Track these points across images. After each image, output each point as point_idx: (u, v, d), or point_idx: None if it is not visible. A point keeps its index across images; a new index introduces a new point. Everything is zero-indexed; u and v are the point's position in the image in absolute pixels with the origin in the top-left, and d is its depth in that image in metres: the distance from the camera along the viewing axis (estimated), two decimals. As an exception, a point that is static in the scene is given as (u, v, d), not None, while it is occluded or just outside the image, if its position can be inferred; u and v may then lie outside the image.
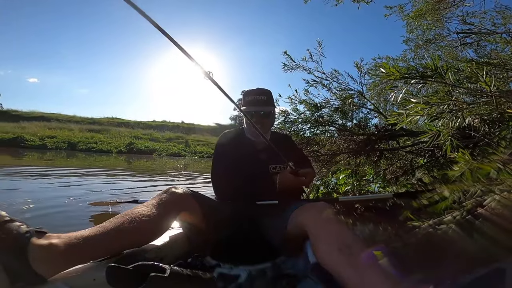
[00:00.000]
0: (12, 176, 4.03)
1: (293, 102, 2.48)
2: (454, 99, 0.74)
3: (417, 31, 3.45)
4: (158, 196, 0.92)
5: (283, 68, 2.28)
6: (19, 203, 2.36)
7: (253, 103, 1.25)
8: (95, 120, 23.35)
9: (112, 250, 0.74)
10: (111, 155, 13.33)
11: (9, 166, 5.49)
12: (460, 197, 0.59)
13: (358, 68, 2.49)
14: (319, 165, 2.26)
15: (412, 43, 3.61)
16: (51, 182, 3.76)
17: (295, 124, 2.30)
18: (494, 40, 2.55)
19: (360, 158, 2.05)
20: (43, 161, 7.49)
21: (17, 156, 8.72)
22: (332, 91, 2.44)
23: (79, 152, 13.31)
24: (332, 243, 0.72)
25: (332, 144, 2.28)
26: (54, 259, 0.64)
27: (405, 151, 2.03)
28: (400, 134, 1.97)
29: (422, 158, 2.09)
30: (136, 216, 0.79)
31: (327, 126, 2.26)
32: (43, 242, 0.64)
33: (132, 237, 0.77)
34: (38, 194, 2.78)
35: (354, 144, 1.93)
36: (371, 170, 2.39)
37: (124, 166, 7.73)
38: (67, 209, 2.34)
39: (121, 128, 20.36)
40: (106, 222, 0.76)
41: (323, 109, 2.40)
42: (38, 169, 5.23)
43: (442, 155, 1.82)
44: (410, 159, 2.08)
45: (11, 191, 2.90)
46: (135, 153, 15.15)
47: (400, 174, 1.95)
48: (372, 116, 2.32)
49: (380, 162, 2.20)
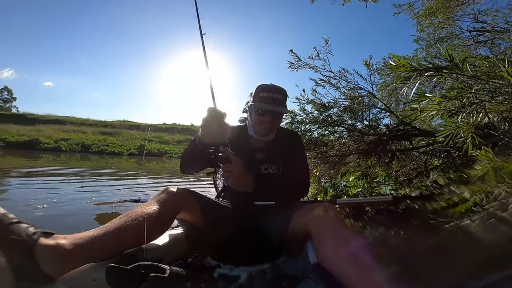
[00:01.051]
0: (25, 177, 4.14)
1: (301, 102, 2.44)
2: (474, 92, 0.68)
3: (428, 29, 3.36)
4: (157, 196, 0.94)
5: (290, 66, 2.23)
6: (32, 203, 2.40)
7: (267, 100, 1.16)
8: (108, 123, 23.89)
9: (116, 249, 0.76)
10: (122, 157, 13.59)
11: (24, 167, 5.66)
12: (483, 199, 0.54)
13: (367, 66, 2.41)
14: (327, 167, 2.20)
15: (423, 42, 3.51)
16: (70, 183, 3.83)
17: (302, 124, 2.24)
18: (508, 38, 2.44)
19: (371, 159, 1.98)
20: (57, 163, 7.70)
21: (33, 157, 8.99)
22: (340, 91, 2.37)
23: (92, 154, 13.63)
24: (337, 245, 0.72)
25: (341, 145, 2.21)
26: (61, 259, 0.65)
27: (419, 152, 1.94)
28: (414, 134, 1.88)
29: (437, 159, 1.99)
30: (137, 216, 0.81)
31: (336, 127, 2.20)
32: (51, 243, 0.66)
33: (134, 236, 0.79)
34: (53, 196, 2.83)
35: (365, 145, 1.86)
36: (382, 172, 2.31)
37: (136, 168, 7.83)
38: (71, 208, 2.36)
39: (132, 131, 20.75)
40: (109, 222, 0.79)
41: (331, 109, 2.34)
42: (54, 170, 5.37)
43: (459, 155, 1.73)
44: (424, 160, 1.98)
45: (25, 191, 2.97)
46: (146, 155, 15.38)
47: (414, 175, 1.86)
48: (383, 115, 2.24)
49: (392, 164, 2.11)
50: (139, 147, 16.18)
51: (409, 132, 1.90)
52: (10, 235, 0.63)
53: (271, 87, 1.18)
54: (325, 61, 2.22)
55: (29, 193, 2.90)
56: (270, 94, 1.16)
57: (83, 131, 18.56)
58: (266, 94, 1.16)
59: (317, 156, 2.13)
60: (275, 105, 1.16)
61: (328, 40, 2.23)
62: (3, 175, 4.25)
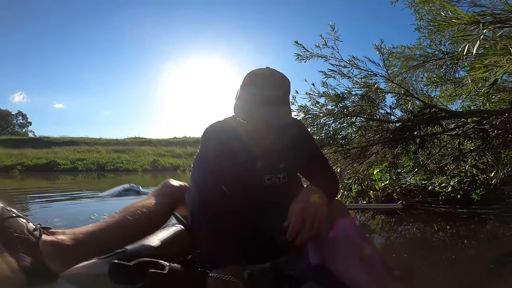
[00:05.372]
0: (45, 199, 4.16)
1: (312, 97, 2.30)
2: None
3: (427, 17, 3.24)
4: (156, 190, 0.95)
5: (297, 58, 2.10)
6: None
7: (261, 100, 0.80)
8: (120, 141, 24.40)
9: (115, 244, 0.76)
10: (137, 173, 13.75)
11: (47, 190, 5.74)
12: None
13: (378, 51, 2.26)
14: (348, 161, 2.04)
15: (425, 30, 3.39)
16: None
17: (318, 118, 2.10)
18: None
19: (396, 148, 1.80)
20: (76, 183, 7.81)
21: (52, 179, 9.20)
22: (353, 80, 2.23)
23: (107, 172, 13.87)
24: (352, 251, 0.69)
25: (361, 137, 2.04)
26: (63, 254, 0.66)
27: (451, 135, 1.75)
28: (442, 116, 1.70)
29: (471, 141, 1.80)
30: (136, 209, 0.82)
31: (353, 117, 2.04)
32: (52, 239, 0.68)
33: (133, 231, 0.79)
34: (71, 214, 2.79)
35: (389, 133, 1.69)
36: (409, 162, 2.12)
37: (154, 183, 7.84)
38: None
39: (144, 147, 21.10)
40: (107, 217, 0.80)
41: (346, 100, 2.19)
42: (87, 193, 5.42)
43: (498, 134, 1.54)
44: (456, 145, 1.79)
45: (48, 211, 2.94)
46: (159, 171, 15.52)
47: (449, 162, 1.67)
48: (404, 101, 2.06)
49: (419, 151, 1.93)
50: (152, 163, 16.37)
51: (436, 114, 1.72)
52: (14, 232, 0.64)
53: (266, 81, 0.81)
54: (334, 48, 2.08)
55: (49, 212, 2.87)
56: (265, 92, 0.80)
57: (97, 150, 19.00)
58: (259, 92, 0.80)
59: (337, 151, 1.97)
60: (273, 107, 0.79)
61: (335, 26, 2.10)
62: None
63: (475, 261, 1.19)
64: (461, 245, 1.44)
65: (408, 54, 2.62)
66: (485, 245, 1.41)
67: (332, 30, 2.08)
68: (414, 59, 2.54)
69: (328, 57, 2.12)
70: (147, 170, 15.77)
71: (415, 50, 2.88)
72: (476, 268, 1.09)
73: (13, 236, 0.63)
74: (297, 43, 2.17)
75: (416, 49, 2.92)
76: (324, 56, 2.12)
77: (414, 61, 2.53)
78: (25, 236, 0.65)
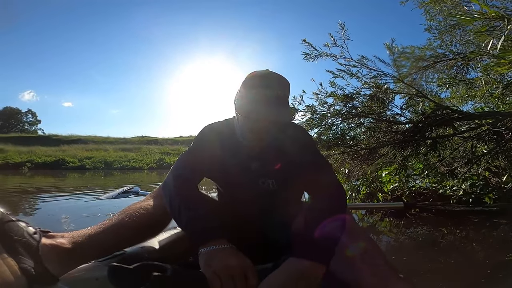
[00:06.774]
0: (54, 196, 4.22)
1: (319, 97, 2.27)
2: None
3: (438, 17, 3.17)
4: (155, 191, 0.92)
5: (305, 57, 2.08)
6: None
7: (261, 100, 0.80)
8: (127, 140, 24.66)
9: (114, 247, 0.75)
10: (143, 171, 13.88)
11: (57, 187, 5.83)
12: None
13: (389, 50, 2.22)
14: (357, 162, 2.00)
15: (435, 31, 3.33)
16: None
17: (325, 118, 2.07)
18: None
19: (406, 150, 1.76)
20: (82, 180, 7.92)
21: (60, 177, 9.35)
22: (362, 80, 2.19)
23: (114, 171, 14.03)
24: (356, 251, 0.67)
25: (370, 138, 2.00)
26: (62, 257, 0.66)
27: (464, 137, 1.71)
28: (455, 118, 1.66)
29: (485, 144, 1.74)
30: (134, 212, 0.80)
31: (362, 118, 2.00)
32: (51, 242, 0.67)
33: (132, 233, 0.78)
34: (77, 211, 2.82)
35: (399, 135, 1.65)
36: (419, 164, 2.07)
37: (159, 180, 7.90)
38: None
39: (150, 146, 21.28)
40: (106, 220, 0.79)
41: (354, 100, 2.15)
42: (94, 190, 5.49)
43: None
44: (469, 147, 1.74)
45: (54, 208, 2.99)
46: (165, 168, 15.65)
47: (460, 165, 1.63)
48: (415, 102, 2.02)
49: (429, 154, 1.88)
50: (158, 161, 16.50)
51: (449, 116, 1.67)
52: (15, 236, 0.63)
53: (266, 81, 0.81)
54: (343, 47, 2.05)
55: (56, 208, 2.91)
56: (265, 91, 0.80)
57: (105, 148, 19.24)
58: (260, 91, 0.80)
59: (345, 151, 1.94)
60: (273, 105, 0.79)
61: (344, 25, 2.07)
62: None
63: (481, 263, 1.20)
64: (470, 247, 1.42)
65: (418, 55, 2.56)
66: (492, 247, 1.40)
67: (342, 28, 2.05)
68: (424, 60, 2.48)
69: (337, 56, 2.09)
70: (153, 168, 15.92)
71: (425, 50, 2.81)
72: (481, 270, 1.09)
73: (13, 239, 0.63)
74: (305, 42, 2.15)
75: (426, 49, 2.86)
76: (333, 55, 2.09)
77: (424, 62, 2.48)
78: (26, 240, 0.65)
